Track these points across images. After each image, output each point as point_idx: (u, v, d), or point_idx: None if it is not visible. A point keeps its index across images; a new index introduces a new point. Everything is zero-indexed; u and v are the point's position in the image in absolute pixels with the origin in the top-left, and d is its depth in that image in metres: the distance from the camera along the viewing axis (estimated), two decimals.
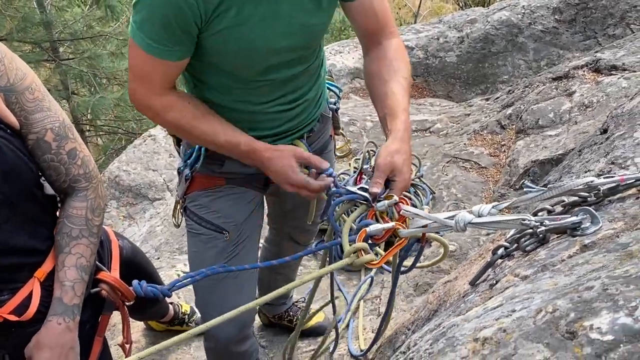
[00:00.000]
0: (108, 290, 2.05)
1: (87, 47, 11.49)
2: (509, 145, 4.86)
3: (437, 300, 2.12)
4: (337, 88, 2.61)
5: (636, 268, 1.08)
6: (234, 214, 2.32)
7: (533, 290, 1.23)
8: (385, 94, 2.01)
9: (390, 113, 1.96)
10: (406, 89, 2.04)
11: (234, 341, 2.47)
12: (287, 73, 2.07)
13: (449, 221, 1.64)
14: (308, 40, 2.04)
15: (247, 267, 1.97)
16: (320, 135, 2.46)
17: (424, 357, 1.19)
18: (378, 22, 2.09)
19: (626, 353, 0.89)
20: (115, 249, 2.30)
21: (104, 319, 2.09)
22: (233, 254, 2.34)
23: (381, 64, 2.08)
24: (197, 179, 2.29)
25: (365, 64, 2.17)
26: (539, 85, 5.19)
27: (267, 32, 1.89)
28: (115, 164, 6.01)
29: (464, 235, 3.81)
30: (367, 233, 1.72)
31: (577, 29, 7.05)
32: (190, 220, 2.36)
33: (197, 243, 2.37)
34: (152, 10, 1.77)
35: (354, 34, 13.09)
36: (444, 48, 7.45)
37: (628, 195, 1.52)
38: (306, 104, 2.25)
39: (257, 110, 2.13)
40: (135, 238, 5.22)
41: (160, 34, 1.80)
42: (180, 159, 2.39)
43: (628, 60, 4.77)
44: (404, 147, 1.89)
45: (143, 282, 2.06)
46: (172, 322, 3.50)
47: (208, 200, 2.30)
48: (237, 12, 1.81)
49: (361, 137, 5.60)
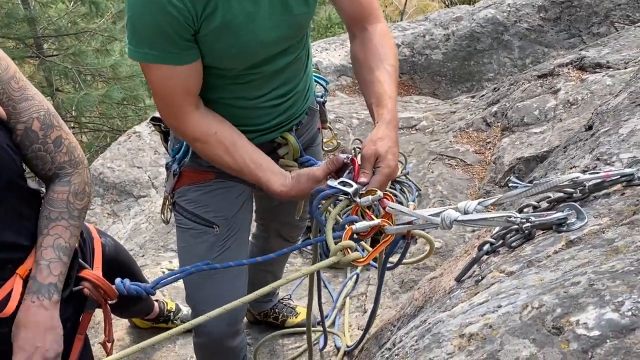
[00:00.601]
0: (90, 288, 2.02)
1: (72, 43, 11.39)
2: (494, 142, 4.87)
3: (423, 296, 2.11)
4: (324, 81, 2.61)
5: (622, 263, 1.08)
6: (224, 208, 2.31)
7: (519, 286, 1.22)
8: (371, 82, 2.01)
9: (377, 102, 1.97)
10: (392, 76, 2.03)
11: (227, 336, 2.46)
12: (277, 65, 2.07)
13: (434, 218, 1.63)
14: (295, 30, 2.03)
15: (231, 265, 1.95)
16: (308, 128, 2.45)
17: (410, 354, 1.18)
18: (363, 7, 2.09)
19: (612, 349, 0.89)
20: (98, 247, 2.27)
21: (85, 317, 2.07)
22: (224, 248, 2.33)
23: (367, 51, 2.07)
24: (186, 174, 2.28)
25: (351, 50, 2.16)
26: (524, 83, 5.21)
27: (255, 27, 1.88)
28: (99, 160, 5.96)
29: (450, 232, 3.81)
30: (354, 230, 1.71)
31: (562, 27, 7.08)
32: (180, 215, 2.34)
33: (187, 238, 2.36)
34: (144, 21, 1.78)
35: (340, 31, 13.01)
36: (430, 46, 7.46)
37: (613, 191, 1.52)
38: (296, 97, 2.24)
39: (249, 105, 2.12)
40: (119, 235, 5.19)
41: (159, 42, 1.80)
42: (169, 154, 2.38)
43: (612, 58, 4.80)
44: (388, 134, 1.89)
45: (126, 281, 2.04)
46: (157, 319, 3.48)
47: (197, 194, 2.29)
48: (224, 11, 1.81)
49: (347, 134, 5.60)
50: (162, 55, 1.83)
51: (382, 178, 1.84)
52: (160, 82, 1.92)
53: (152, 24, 1.77)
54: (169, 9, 1.72)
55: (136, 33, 1.81)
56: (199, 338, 2.52)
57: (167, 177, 2.38)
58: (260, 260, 1.94)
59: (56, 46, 11.74)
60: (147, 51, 1.82)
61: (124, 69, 11.08)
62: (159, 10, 1.73)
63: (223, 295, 2.26)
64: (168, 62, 1.85)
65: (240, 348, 2.60)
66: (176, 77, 1.89)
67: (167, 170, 2.35)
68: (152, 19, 1.76)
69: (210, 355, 2.60)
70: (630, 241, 1.22)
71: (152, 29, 1.78)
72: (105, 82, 11.50)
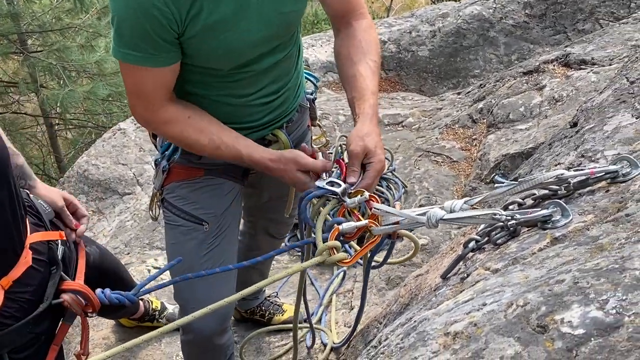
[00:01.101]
0: (70, 300, 2.01)
1: (56, 39, 11.27)
2: (480, 139, 4.88)
3: (409, 294, 2.11)
4: (314, 78, 2.60)
5: (607, 261, 1.08)
6: (214, 205, 2.30)
7: (504, 283, 1.22)
8: (353, 76, 2.01)
9: (359, 96, 1.96)
10: (375, 72, 2.03)
11: (216, 333, 2.45)
12: (267, 63, 2.06)
13: (420, 218, 1.64)
14: (284, 28, 2.02)
15: (217, 271, 1.92)
16: (299, 125, 2.44)
17: (395, 352, 1.18)
18: (349, 3, 2.09)
19: (597, 347, 0.89)
20: (82, 256, 2.26)
21: (63, 327, 2.05)
22: (213, 245, 2.32)
23: (350, 45, 2.07)
24: (175, 170, 2.27)
25: (335, 44, 2.16)
26: (509, 80, 5.22)
27: (243, 27, 1.87)
28: (84, 157, 5.91)
29: (436, 229, 3.82)
30: (340, 231, 1.71)
31: (548, 24, 7.11)
32: (169, 212, 2.33)
33: (176, 235, 2.34)
34: (128, 23, 1.77)
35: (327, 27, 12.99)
36: (416, 42, 7.46)
37: (598, 188, 1.53)
38: (287, 94, 2.24)
39: (239, 103, 2.11)
40: (104, 233, 5.15)
41: (140, 43, 1.79)
42: (157, 150, 2.36)
43: (597, 55, 4.82)
44: (374, 129, 1.89)
45: (107, 290, 2.00)
46: (143, 318, 3.45)
47: (186, 191, 2.28)
48: (210, 12, 1.79)
49: (334, 131, 5.59)
50: (142, 56, 1.82)
51: (375, 173, 1.84)
52: (136, 81, 1.91)
53: (136, 26, 1.76)
54: (153, 12, 1.71)
55: (119, 33, 1.80)
56: (187, 335, 2.50)
57: (155, 173, 2.36)
58: (247, 265, 1.93)
59: (40, 42, 11.62)
60: (128, 52, 1.81)
61: (109, 65, 10.97)
62: (142, 13, 1.72)
63: (214, 294, 2.24)
64: (147, 64, 1.84)
65: (228, 345, 2.60)
66: (153, 78, 1.88)
67: (156, 167, 2.33)
68: (136, 21, 1.74)
69: (198, 353, 2.58)
70: (615, 238, 1.22)
71: (135, 31, 1.77)
72: (90, 79, 11.39)
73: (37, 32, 11.32)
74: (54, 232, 2.17)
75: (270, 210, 2.79)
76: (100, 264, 2.51)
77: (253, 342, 3.44)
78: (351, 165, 1.85)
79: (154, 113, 1.96)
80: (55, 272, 2.00)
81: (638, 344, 0.86)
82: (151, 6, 1.70)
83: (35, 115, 13.22)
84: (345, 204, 1.79)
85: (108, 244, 4.83)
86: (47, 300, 1.92)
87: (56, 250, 2.11)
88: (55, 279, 1.98)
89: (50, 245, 2.10)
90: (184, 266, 2.27)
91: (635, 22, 5.40)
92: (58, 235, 2.18)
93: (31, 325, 1.92)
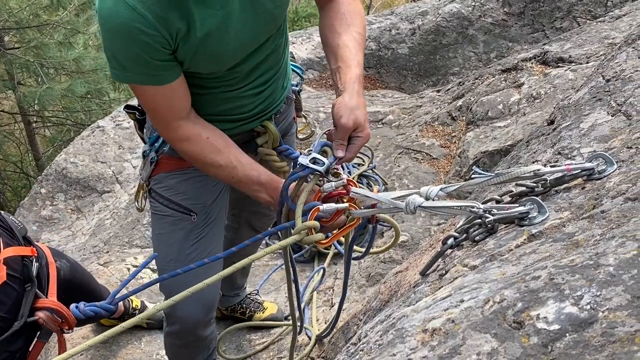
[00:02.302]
0: (45, 317, 1.99)
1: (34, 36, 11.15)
2: (459, 136, 4.91)
3: (389, 290, 2.12)
4: (299, 69, 2.61)
5: (582, 257, 1.09)
6: (202, 196, 2.31)
7: (481, 280, 1.23)
8: (337, 46, 1.98)
9: (343, 66, 1.93)
10: (360, 43, 2.01)
11: (200, 324, 2.45)
12: (257, 59, 2.07)
13: (399, 203, 1.64)
14: (271, 24, 2.02)
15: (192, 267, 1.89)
16: (285, 117, 2.46)
17: (374, 349, 1.18)
18: None
19: (572, 342, 0.90)
20: (53, 272, 2.25)
21: (38, 345, 2.04)
22: (201, 235, 2.32)
23: (334, 18, 2.05)
24: (164, 161, 2.27)
25: (320, 20, 2.14)
26: (488, 77, 5.26)
27: (231, 33, 1.88)
28: (62, 155, 5.85)
29: (416, 226, 3.84)
30: (320, 211, 1.71)
31: (526, 22, 7.16)
32: (157, 203, 2.32)
33: (164, 225, 2.34)
34: (122, 53, 1.78)
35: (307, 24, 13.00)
36: (396, 40, 7.48)
37: (574, 185, 1.55)
38: (276, 84, 2.24)
39: (231, 95, 2.12)
40: (83, 231, 5.11)
41: (138, 68, 1.80)
42: (144, 142, 2.35)
43: (574, 53, 4.87)
44: (361, 101, 1.87)
45: (80, 305, 1.97)
46: (123, 317, 3.44)
47: (175, 182, 2.28)
48: (199, 27, 1.80)
49: (314, 128, 5.59)
50: (143, 78, 1.83)
51: (359, 147, 1.84)
52: (148, 100, 1.93)
53: (129, 53, 1.77)
54: (143, 38, 1.71)
55: (116, 61, 1.81)
56: (172, 326, 2.49)
57: (142, 164, 2.35)
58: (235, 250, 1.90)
59: (18, 39, 11.49)
60: (131, 75, 1.83)
61: (87, 62, 10.89)
62: (132, 40, 1.72)
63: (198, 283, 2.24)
64: (154, 83, 1.85)
65: (211, 339, 2.60)
66: (163, 95, 1.89)
67: (144, 158, 2.32)
68: (131, 51, 1.75)
69: (181, 345, 2.57)
70: (590, 235, 1.23)
71: (130, 58, 1.78)
72: (68, 76, 11.29)
73: (14, 28, 11.19)
74: (27, 248, 2.16)
75: (253, 203, 2.79)
76: (71, 278, 2.50)
77: (234, 339, 3.43)
78: (340, 138, 1.83)
79: (172, 131, 1.98)
80: (30, 289, 1.99)
81: (611, 339, 0.88)
82: (140, 33, 1.70)
83: (12, 112, 13.09)
84: (320, 189, 1.78)
85: (87, 243, 4.80)
86: (22, 319, 1.90)
87: (31, 266, 2.09)
88: (30, 297, 1.97)
89: (24, 262, 2.08)
90: (172, 255, 2.28)
91: (611, 20, 5.46)
92: (30, 251, 2.17)
93: (6, 344, 1.91)
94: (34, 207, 5.46)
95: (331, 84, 7.19)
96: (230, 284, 3.28)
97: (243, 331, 3.46)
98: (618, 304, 0.93)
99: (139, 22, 1.69)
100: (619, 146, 1.65)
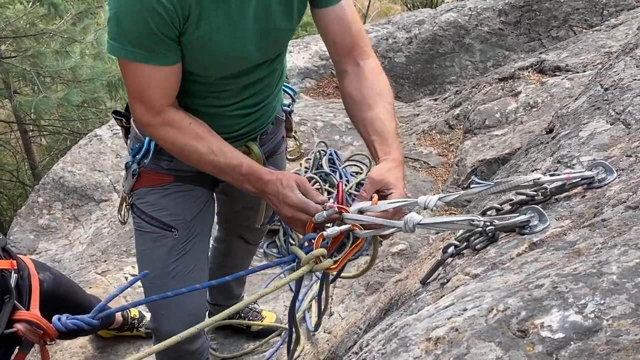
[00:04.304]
0: (25, 329, 1.98)
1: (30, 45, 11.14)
2: (457, 145, 4.92)
3: (389, 299, 2.12)
4: (291, 90, 2.60)
5: (584, 266, 1.10)
6: (183, 212, 2.29)
7: (484, 288, 1.23)
8: (372, 119, 1.97)
9: (380, 140, 1.93)
10: (392, 115, 2.00)
11: (186, 341, 2.43)
12: (253, 77, 2.06)
13: (397, 222, 1.65)
14: (275, 45, 2.02)
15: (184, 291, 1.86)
16: (272, 137, 2.44)
17: (377, 358, 1.18)
18: (352, 37, 2.04)
19: (577, 350, 0.90)
20: (35, 284, 2.24)
21: (19, 356, 2.03)
22: (183, 252, 2.31)
23: (362, 87, 2.02)
24: (145, 175, 2.26)
25: (344, 87, 2.09)
26: (485, 86, 5.27)
27: (237, 39, 1.88)
28: (59, 164, 5.84)
29: (414, 234, 3.84)
30: (325, 236, 1.71)
31: (522, 31, 7.19)
32: (138, 219, 2.32)
33: (146, 241, 2.33)
34: (130, 18, 1.75)
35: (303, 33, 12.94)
36: (392, 49, 7.50)
37: (574, 194, 1.55)
38: (266, 108, 2.24)
39: (218, 112, 2.11)
40: (81, 240, 5.10)
41: (144, 40, 1.78)
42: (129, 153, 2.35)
43: (571, 62, 4.89)
44: (399, 172, 1.87)
45: (63, 317, 1.94)
46: (122, 328, 3.43)
47: (156, 197, 2.27)
48: (208, 22, 1.80)
49: (312, 137, 5.60)
50: (145, 54, 1.80)
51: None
52: (139, 81, 1.89)
53: (139, 21, 1.74)
54: (157, 7, 1.70)
55: (120, 29, 1.78)
56: (158, 341, 2.48)
57: (125, 176, 2.34)
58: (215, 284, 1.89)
59: (14, 47, 11.49)
60: (130, 49, 1.80)
61: (84, 71, 10.88)
62: (146, 8, 1.71)
63: (184, 299, 2.24)
64: (150, 62, 1.82)
65: (201, 351, 2.58)
66: (156, 78, 1.86)
67: (126, 170, 2.32)
68: (140, 17, 1.73)
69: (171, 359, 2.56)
70: (592, 243, 1.24)
71: (138, 27, 1.75)
72: (65, 85, 11.28)
73: (11, 37, 11.18)
74: (6, 261, 2.16)
75: (243, 218, 2.79)
76: (54, 290, 2.49)
77: (231, 349, 3.43)
78: (364, 189, 1.83)
79: (155, 115, 1.93)
80: (8, 300, 1.98)
81: (616, 348, 0.88)
82: (156, 3, 1.70)
83: (9, 121, 13.07)
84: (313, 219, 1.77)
85: (84, 252, 4.78)
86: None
87: (9, 278, 2.09)
88: (8, 308, 1.96)
89: (2, 274, 2.08)
90: (155, 272, 2.27)
91: (608, 29, 5.49)
92: (9, 264, 2.16)
93: None
94: (31, 216, 5.44)
95: (328, 93, 7.20)
96: (227, 294, 3.26)
97: (241, 340, 3.45)
98: (622, 312, 0.93)
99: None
100: (618, 154, 1.66)
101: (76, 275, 4.25)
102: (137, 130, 2.25)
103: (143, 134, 2.23)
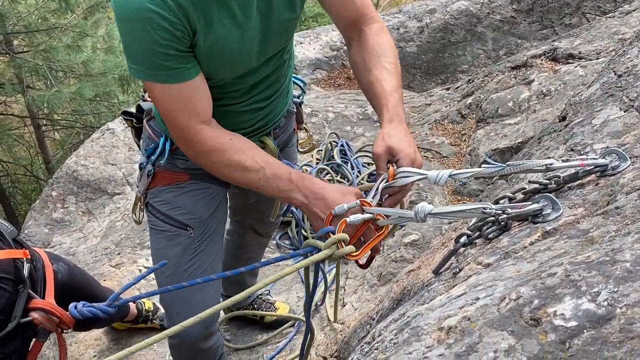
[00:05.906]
0: (40, 317, 1.99)
1: (42, 39, 11.19)
2: (469, 134, 4.90)
3: (401, 289, 2.12)
4: (301, 82, 2.58)
5: (597, 254, 1.09)
6: (199, 210, 2.28)
7: (496, 277, 1.23)
8: (371, 83, 1.95)
9: (378, 102, 1.91)
10: (391, 72, 1.96)
11: (200, 338, 2.44)
12: (265, 72, 2.05)
13: (408, 212, 1.64)
14: (283, 37, 2.01)
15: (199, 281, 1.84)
16: (285, 130, 2.44)
17: (389, 347, 1.18)
18: (357, 9, 2.03)
19: (590, 339, 0.90)
20: (50, 274, 2.25)
21: (36, 345, 2.04)
22: (197, 250, 2.30)
23: (364, 52, 2.01)
24: (160, 175, 2.25)
25: (350, 55, 2.10)
26: (498, 75, 5.24)
27: (246, 39, 1.87)
28: (73, 158, 5.88)
29: (426, 224, 3.83)
30: (347, 223, 1.69)
31: (535, 19, 7.13)
32: (153, 217, 2.31)
33: (161, 240, 2.32)
34: (141, 42, 1.72)
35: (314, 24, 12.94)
36: (404, 38, 7.47)
37: (588, 182, 1.54)
38: (278, 100, 2.22)
39: (233, 110, 2.09)
40: (95, 234, 5.13)
41: (160, 60, 1.73)
42: (140, 152, 2.34)
43: (584, 49, 4.84)
44: (397, 128, 1.83)
45: (79, 304, 1.93)
46: (137, 320, 3.45)
47: (171, 196, 2.26)
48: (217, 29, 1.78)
49: (323, 128, 5.59)
50: (162, 74, 1.76)
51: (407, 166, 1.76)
52: (165, 101, 1.84)
53: (148, 42, 1.70)
54: (162, 23, 1.67)
55: (135, 54, 1.75)
56: (173, 339, 2.50)
57: (139, 177, 2.33)
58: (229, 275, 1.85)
59: (27, 42, 11.54)
60: (150, 72, 1.76)
61: (96, 65, 10.92)
62: (152, 26, 1.67)
63: (197, 297, 2.24)
64: (170, 81, 1.78)
65: (216, 348, 2.59)
66: (180, 96, 1.81)
67: (140, 170, 2.31)
68: (148, 37, 1.69)
69: (185, 357, 2.58)
70: (605, 231, 1.23)
71: (149, 48, 1.71)
72: (77, 79, 11.33)
73: (23, 32, 11.25)
74: (18, 250, 2.17)
75: (256, 211, 2.79)
76: (69, 281, 2.50)
77: (244, 339, 3.44)
78: (377, 167, 1.80)
79: (194, 143, 1.87)
80: (23, 290, 1.99)
81: (630, 335, 0.87)
82: (159, 18, 1.66)
83: (22, 116, 13.15)
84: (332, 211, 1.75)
85: (98, 245, 4.81)
86: (15, 319, 1.91)
87: (22, 268, 2.10)
88: (23, 297, 1.97)
89: (15, 264, 2.09)
90: (169, 271, 2.26)
91: (621, 16, 5.43)
92: (22, 254, 2.17)
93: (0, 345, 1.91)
94: (45, 209, 5.48)
95: (339, 84, 7.19)
96: (240, 285, 3.27)
97: (255, 331, 3.46)
98: (636, 300, 0.92)
99: (157, 5, 1.64)
100: (632, 142, 1.64)
101: (90, 268, 4.27)
102: (151, 131, 2.24)
103: (157, 135, 2.22)
